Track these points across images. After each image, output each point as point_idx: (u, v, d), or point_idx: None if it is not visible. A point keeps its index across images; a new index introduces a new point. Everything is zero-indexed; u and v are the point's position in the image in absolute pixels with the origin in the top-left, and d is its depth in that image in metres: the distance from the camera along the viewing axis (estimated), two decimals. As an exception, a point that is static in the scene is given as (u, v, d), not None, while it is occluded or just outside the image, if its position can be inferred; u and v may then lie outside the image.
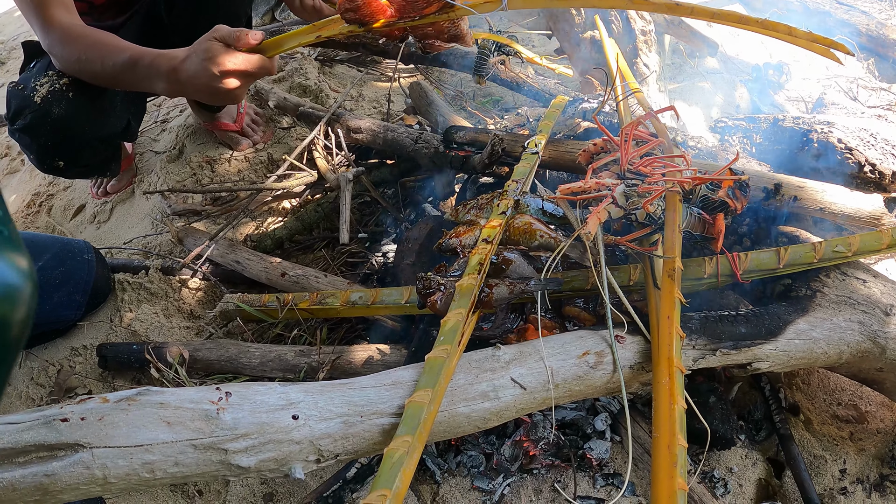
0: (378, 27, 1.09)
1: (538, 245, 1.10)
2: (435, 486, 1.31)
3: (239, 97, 1.26)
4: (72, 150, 1.65)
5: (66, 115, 1.54)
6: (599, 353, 1.03)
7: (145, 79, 1.34)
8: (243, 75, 1.21)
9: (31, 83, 1.53)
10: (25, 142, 1.61)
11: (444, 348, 0.94)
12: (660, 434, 0.94)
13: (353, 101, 2.32)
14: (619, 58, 1.52)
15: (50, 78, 1.53)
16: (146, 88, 1.39)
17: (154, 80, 1.32)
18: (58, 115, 1.53)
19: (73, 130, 1.59)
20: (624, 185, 1.09)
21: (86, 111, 1.58)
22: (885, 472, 1.36)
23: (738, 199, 1.19)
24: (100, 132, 1.66)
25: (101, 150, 1.75)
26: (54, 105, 1.53)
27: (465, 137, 1.44)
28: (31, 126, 1.55)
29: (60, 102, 1.53)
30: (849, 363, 1.23)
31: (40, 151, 1.63)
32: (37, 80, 1.53)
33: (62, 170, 1.70)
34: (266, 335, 1.67)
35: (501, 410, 0.98)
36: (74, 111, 1.55)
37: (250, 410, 0.91)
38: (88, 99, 1.57)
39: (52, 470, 0.78)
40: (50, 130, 1.56)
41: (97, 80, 1.48)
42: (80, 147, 1.66)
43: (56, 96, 1.52)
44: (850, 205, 1.37)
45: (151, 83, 1.34)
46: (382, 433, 0.93)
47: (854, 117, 1.72)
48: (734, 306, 1.46)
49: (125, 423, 0.82)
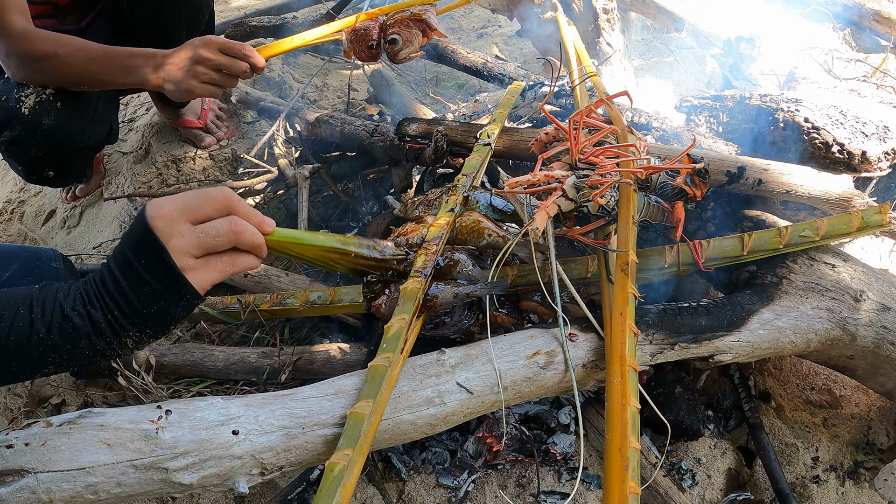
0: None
1: (486, 244, 1.06)
2: (400, 483, 1.30)
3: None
4: (62, 159, 1.63)
5: (56, 125, 1.51)
6: (550, 353, 1.00)
7: (125, 68, 1.38)
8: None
9: (15, 94, 1.49)
10: (14, 154, 1.58)
11: (387, 356, 0.92)
12: (612, 436, 0.91)
13: (318, 91, 2.27)
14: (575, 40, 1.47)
15: (35, 89, 1.49)
16: (122, 78, 1.40)
17: (139, 69, 1.38)
18: (48, 126, 1.50)
19: (64, 140, 1.56)
20: (574, 177, 1.05)
21: (74, 120, 1.55)
22: (860, 459, 1.34)
23: (696, 186, 1.15)
24: (88, 140, 1.64)
25: (89, 157, 1.74)
26: (43, 116, 1.49)
27: (417, 130, 1.40)
28: (20, 139, 1.52)
29: (49, 113, 1.49)
30: (818, 351, 1.20)
31: (30, 163, 1.60)
32: (20, 91, 1.49)
33: (51, 180, 1.68)
34: (233, 336, 1.66)
35: (448, 416, 0.95)
36: (64, 121, 1.52)
37: (190, 428, 0.90)
38: (76, 107, 1.54)
39: (1, 496, 0.80)
40: (40, 142, 1.52)
41: (64, 78, 1.45)
42: (71, 156, 1.64)
43: (44, 107, 1.49)
44: (817, 187, 1.32)
45: (133, 72, 1.38)
46: (325, 443, 0.92)
47: (825, 92, 1.67)
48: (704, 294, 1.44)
49: (67, 447, 0.83)
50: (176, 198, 0.79)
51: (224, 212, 0.81)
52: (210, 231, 0.79)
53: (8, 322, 0.78)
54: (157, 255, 0.77)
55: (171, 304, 0.80)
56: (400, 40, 1.36)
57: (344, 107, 2.19)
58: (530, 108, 1.65)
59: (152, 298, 0.78)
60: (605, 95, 1.25)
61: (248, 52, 1.37)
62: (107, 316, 0.78)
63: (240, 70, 1.37)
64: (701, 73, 2.08)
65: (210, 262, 0.80)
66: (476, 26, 2.69)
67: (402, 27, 1.40)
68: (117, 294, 0.78)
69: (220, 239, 0.79)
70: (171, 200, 0.79)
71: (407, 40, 1.37)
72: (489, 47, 2.50)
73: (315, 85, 2.26)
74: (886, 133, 1.43)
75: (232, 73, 1.38)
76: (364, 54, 1.44)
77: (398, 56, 1.39)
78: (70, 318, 0.78)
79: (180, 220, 0.77)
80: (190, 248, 0.78)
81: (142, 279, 0.78)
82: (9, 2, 1.37)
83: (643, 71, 2.02)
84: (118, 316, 0.78)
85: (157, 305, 0.79)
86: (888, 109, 1.56)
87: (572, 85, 1.34)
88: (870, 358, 1.20)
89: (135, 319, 0.79)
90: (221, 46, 1.36)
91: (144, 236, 0.77)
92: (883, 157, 1.41)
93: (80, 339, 0.79)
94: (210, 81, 1.37)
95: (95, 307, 0.78)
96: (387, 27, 1.42)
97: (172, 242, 0.77)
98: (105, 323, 0.79)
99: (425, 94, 2.16)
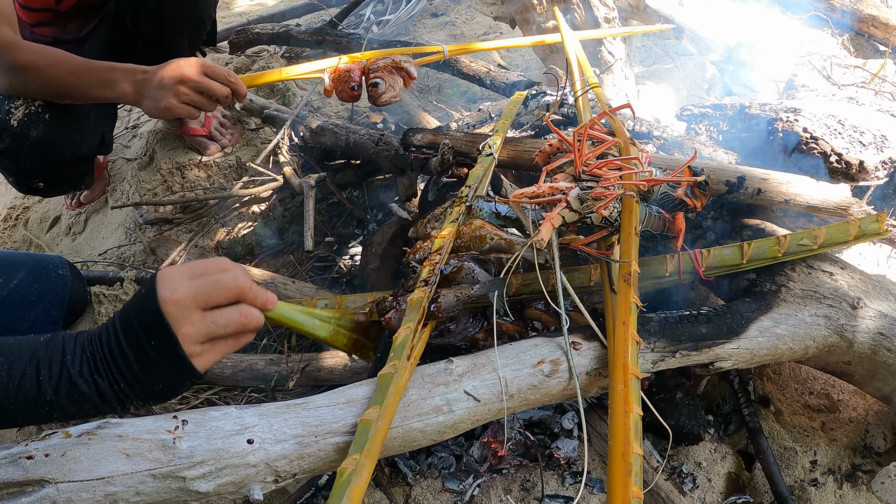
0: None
1: (489, 248, 1.09)
2: (407, 487, 1.32)
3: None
4: (52, 170, 1.64)
5: (44, 136, 1.52)
6: (555, 362, 1.02)
7: (104, 82, 1.39)
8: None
9: (4, 106, 1.50)
10: (4, 165, 1.59)
11: (394, 364, 0.94)
12: (615, 442, 0.93)
13: (321, 99, 2.29)
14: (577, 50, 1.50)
15: (24, 101, 1.50)
16: (100, 91, 1.41)
17: (116, 83, 1.39)
18: (36, 137, 1.51)
19: (53, 151, 1.57)
20: (578, 189, 1.07)
21: (63, 131, 1.56)
22: (858, 462, 1.36)
23: (697, 197, 1.17)
24: (78, 150, 1.65)
25: (80, 167, 1.75)
26: (32, 128, 1.50)
27: (423, 140, 1.42)
28: (9, 150, 1.53)
29: (38, 125, 1.51)
30: (816, 357, 1.23)
31: (20, 174, 1.61)
32: (10, 102, 1.51)
33: (42, 190, 1.69)
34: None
35: (456, 423, 0.97)
36: (52, 132, 1.53)
37: (206, 437, 0.92)
38: (65, 119, 1.56)
39: None
40: (29, 153, 1.54)
41: (46, 89, 1.46)
42: (60, 167, 1.65)
43: (33, 119, 1.50)
44: (816, 195, 1.34)
45: (111, 86, 1.39)
46: (337, 451, 0.94)
47: (824, 100, 1.69)
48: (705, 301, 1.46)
49: (86, 458, 0.85)
50: (190, 282, 0.81)
51: (234, 300, 0.84)
52: (220, 321, 0.82)
53: (16, 381, 0.80)
54: (166, 340, 0.80)
55: (176, 382, 0.85)
56: (383, 84, 1.44)
57: (347, 114, 2.21)
58: (533, 115, 1.67)
59: (158, 377, 0.82)
60: (608, 107, 1.27)
61: (233, 80, 1.39)
62: (113, 387, 0.82)
63: (221, 95, 1.40)
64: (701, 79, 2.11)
65: (215, 345, 0.84)
66: (478, 33, 2.71)
67: (385, 73, 1.47)
68: (125, 368, 0.81)
69: (229, 329, 0.84)
70: (184, 283, 0.81)
71: (390, 85, 1.45)
72: (491, 55, 2.52)
73: (318, 92, 2.28)
74: (884, 142, 1.45)
75: (213, 96, 1.40)
76: (346, 94, 1.50)
77: (380, 99, 1.47)
78: (77, 385, 0.81)
79: (192, 308, 0.80)
80: (199, 336, 0.81)
81: (149, 359, 0.81)
82: None
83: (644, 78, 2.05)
84: (124, 388, 0.82)
85: (162, 384, 0.83)
86: (886, 118, 1.58)
87: (575, 95, 1.37)
88: (867, 364, 1.23)
89: (140, 392, 0.83)
90: (206, 69, 1.38)
91: (155, 319, 0.80)
92: (880, 165, 1.43)
93: (86, 404, 0.82)
94: (190, 102, 1.39)
95: (102, 376, 0.81)
96: (368, 71, 1.49)
97: (183, 330, 0.80)
98: (111, 393, 0.82)
99: (428, 102, 2.19)
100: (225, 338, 0.84)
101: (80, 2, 1.70)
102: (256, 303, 0.87)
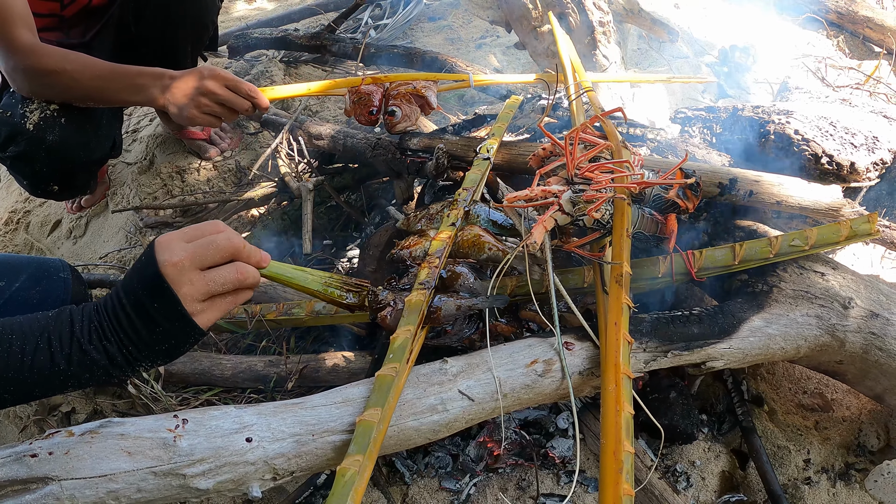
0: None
1: (486, 258, 1.11)
2: (404, 487, 1.34)
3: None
4: (67, 174, 1.66)
5: (60, 140, 1.54)
6: (548, 362, 1.04)
7: (133, 87, 1.42)
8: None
9: (19, 110, 1.52)
10: (19, 168, 1.61)
11: (393, 366, 0.96)
12: (606, 441, 0.95)
13: (319, 103, 2.31)
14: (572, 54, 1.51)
15: (39, 104, 1.52)
16: (129, 96, 1.44)
17: (146, 89, 1.42)
18: (52, 141, 1.53)
19: (68, 155, 1.60)
20: (571, 192, 1.09)
21: (79, 135, 1.58)
22: (851, 461, 1.37)
23: (688, 199, 1.19)
24: (92, 154, 1.67)
25: (94, 170, 1.78)
26: (48, 131, 1.52)
27: (419, 144, 1.44)
28: (25, 154, 1.55)
29: (54, 129, 1.53)
30: (808, 357, 1.24)
31: (35, 178, 1.64)
32: (25, 106, 1.52)
33: (56, 193, 1.72)
34: (240, 344, 1.69)
35: (450, 422, 0.99)
36: (68, 136, 1.55)
37: (206, 436, 0.94)
38: (80, 122, 1.58)
39: (26, 503, 0.83)
40: (45, 157, 1.56)
41: (69, 94, 1.49)
42: (75, 170, 1.68)
43: (49, 122, 1.52)
44: (807, 197, 1.35)
45: (140, 91, 1.42)
46: (334, 450, 0.96)
47: (816, 103, 1.71)
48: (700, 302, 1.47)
49: (89, 456, 0.87)
50: (186, 245, 0.86)
51: (229, 258, 0.88)
52: (218, 279, 0.87)
53: (30, 356, 0.85)
54: (168, 301, 0.84)
55: (181, 341, 0.89)
56: (399, 113, 1.44)
57: (345, 118, 2.23)
58: (529, 119, 1.69)
59: (164, 337, 0.87)
60: (601, 111, 1.29)
61: (254, 94, 1.42)
62: (122, 350, 0.86)
63: (242, 108, 1.43)
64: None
65: (215, 303, 0.88)
66: (475, 37, 2.74)
67: (403, 101, 1.47)
68: (131, 331, 0.86)
69: (227, 286, 0.88)
70: (181, 247, 0.85)
71: (406, 115, 1.45)
72: (488, 57, 2.55)
73: (316, 97, 2.30)
74: (875, 144, 1.47)
75: (234, 109, 1.42)
76: (363, 118, 1.52)
77: (395, 128, 1.48)
78: (88, 353, 0.85)
79: (190, 269, 0.85)
80: (199, 294, 0.85)
81: (154, 320, 0.85)
82: (16, 17, 1.40)
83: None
84: (132, 350, 0.86)
85: (168, 343, 0.88)
86: (878, 119, 1.60)
87: (569, 98, 1.38)
88: (858, 363, 1.24)
89: (148, 353, 0.88)
90: (228, 82, 1.41)
91: (157, 282, 0.84)
92: (871, 167, 1.45)
93: (97, 369, 0.86)
94: (211, 113, 1.42)
95: (111, 342, 0.86)
96: (389, 96, 1.49)
97: (184, 290, 0.84)
98: (121, 356, 0.86)
99: (425, 105, 2.20)
100: (223, 295, 0.88)
101: (85, 7, 1.72)
102: (251, 261, 0.91)
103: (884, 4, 2.62)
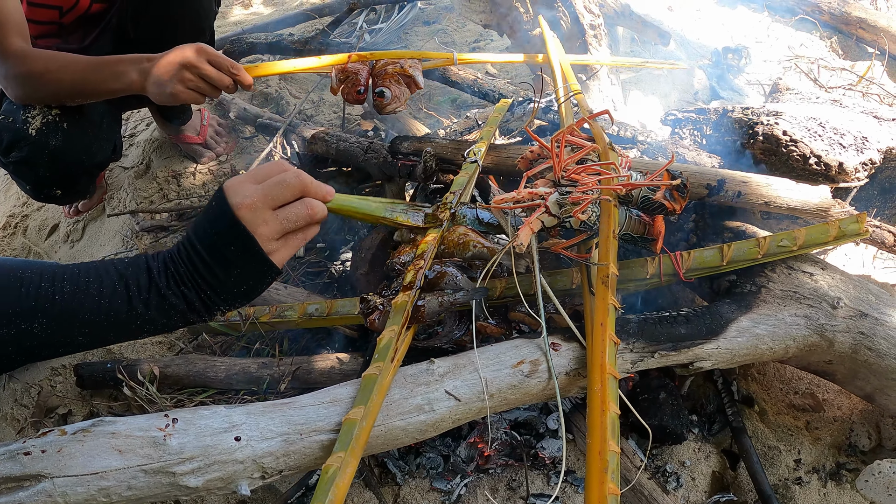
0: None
1: (472, 256, 1.11)
2: (396, 487, 1.34)
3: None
4: (69, 178, 1.67)
5: (63, 145, 1.55)
6: (534, 362, 1.05)
7: (113, 74, 1.41)
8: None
9: (21, 115, 1.53)
10: (22, 174, 1.62)
11: (378, 365, 0.97)
12: (592, 440, 0.95)
13: (315, 107, 2.33)
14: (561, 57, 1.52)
15: (41, 110, 1.54)
16: (111, 84, 1.43)
17: (125, 74, 1.40)
18: (55, 146, 1.54)
19: (71, 159, 1.61)
20: (557, 194, 1.10)
21: (80, 139, 1.60)
22: (842, 461, 1.38)
23: (676, 200, 1.19)
24: (95, 158, 1.68)
25: (95, 174, 1.79)
26: (50, 137, 1.53)
27: (409, 147, 1.45)
28: (28, 159, 1.56)
29: (56, 134, 1.54)
30: (797, 357, 1.24)
31: (38, 183, 1.65)
32: (27, 112, 1.53)
33: (59, 198, 1.73)
34: (234, 347, 1.70)
35: (437, 422, 1.00)
36: (70, 140, 1.57)
37: (195, 434, 0.95)
38: (81, 127, 1.59)
39: (19, 499, 0.85)
40: (48, 162, 1.57)
41: (57, 92, 1.49)
42: (78, 174, 1.69)
43: (51, 128, 1.53)
44: (796, 197, 1.36)
45: (120, 77, 1.41)
46: (322, 449, 0.97)
47: (806, 104, 1.72)
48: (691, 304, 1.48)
49: (81, 454, 0.89)
50: (257, 186, 0.86)
51: (299, 195, 0.89)
52: (290, 217, 0.87)
53: (107, 299, 0.86)
54: (246, 243, 0.85)
55: (258, 281, 0.90)
56: (389, 95, 1.43)
57: (339, 122, 2.24)
58: (520, 122, 1.70)
59: (242, 279, 0.88)
60: (588, 114, 1.30)
61: (236, 70, 1.40)
62: (200, 295, 0.88)
63: (224, 84, 1.41)
64: (689, 84, 2.13)
65: (288, 240, 0.89)
66: (469, 40, 2.75)
67: (392, 82, 1.46)
68: (209, 276, 0.87)
69: (299, 223, 0.89)
70: (252, 188, 0.86)
71: (396, 96, 1.44)
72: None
73: (312, 101, 2.32)
74: (864, 144, 1.47)
75: (216, 85, 1.41)
76: (351, 97, 1.50)
77: (385, 109, 1.46)
78: (166, 298, 0.87)
79: (264, 209, 0.85)
80: (274, 233, 0.86)
81: (231, 263, 0.86)
82: (9, 25, 1.42)
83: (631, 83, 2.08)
84: (211, 295, 0.88)
85: (245, 284, 0.89)
86: (868, 119, 1.60)
87: (558, 102, 1.39)
88: (848, 363, 1.24)
89: (227, 297, 0.89)
90: (210, 57, 1.39)
91: (232, 226, 0.84)
92: (860, 167, 1.45)
93: (175, 314, 0.88)
94: (195, 88, 1.40)
95: (189, 287, 0.87)
96: (376, 75, 1.48)
97: (260, 231, 0.85)
98: (199, 301, 0.88)
99: (419, 110, 2.22)
100: (295, 232, 0.89)
101: (83, 14, 1.74)
102: (318, 195, 0.91)
103: (877, 5, 2.62)
